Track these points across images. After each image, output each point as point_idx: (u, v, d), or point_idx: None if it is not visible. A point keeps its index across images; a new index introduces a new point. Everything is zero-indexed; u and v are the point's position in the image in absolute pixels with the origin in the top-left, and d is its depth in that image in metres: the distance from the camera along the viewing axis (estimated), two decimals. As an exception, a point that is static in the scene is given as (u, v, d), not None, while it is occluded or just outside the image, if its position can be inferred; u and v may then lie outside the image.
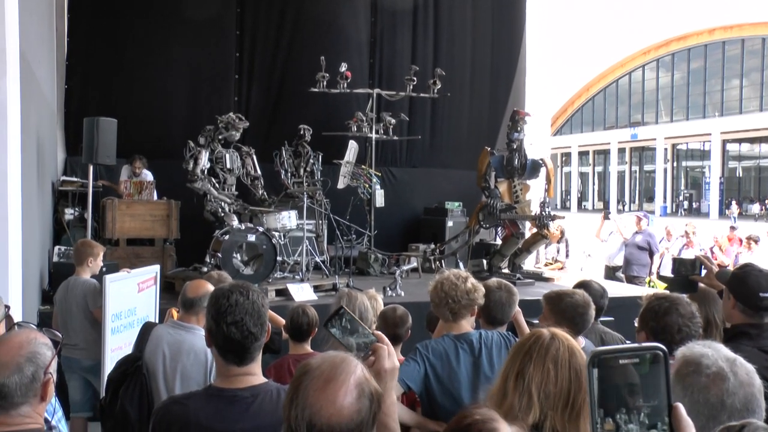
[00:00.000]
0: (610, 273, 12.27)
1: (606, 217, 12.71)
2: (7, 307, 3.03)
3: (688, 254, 11.01)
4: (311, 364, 1.77)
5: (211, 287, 4.30)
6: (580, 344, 3.80)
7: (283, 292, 8.44)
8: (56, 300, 6.22)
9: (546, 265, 12.65)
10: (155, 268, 6.32)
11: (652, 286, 11.19)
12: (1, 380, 2.24)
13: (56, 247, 9.05)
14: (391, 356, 1.97)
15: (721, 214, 47.37)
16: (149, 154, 10.77)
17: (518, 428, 1.81)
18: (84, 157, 8.89)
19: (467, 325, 3.73)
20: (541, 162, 10.60)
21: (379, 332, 2.09)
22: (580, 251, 14.57)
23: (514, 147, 10.38)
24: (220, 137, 9.40)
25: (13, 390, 2.25)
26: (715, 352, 2.06)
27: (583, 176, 64.64)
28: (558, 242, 12.31)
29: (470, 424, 1.76)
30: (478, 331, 3.75)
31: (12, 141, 4.68)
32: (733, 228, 14.40)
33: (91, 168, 9.03)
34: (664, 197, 54.52)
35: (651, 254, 11.99)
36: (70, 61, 11.32)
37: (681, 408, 1.35)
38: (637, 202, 58.13)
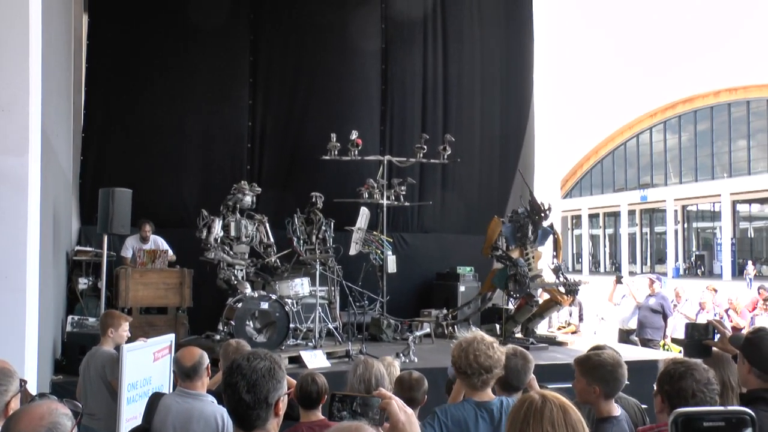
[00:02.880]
0: (624, 336, 12.19)
1: (618, 281, 12.69)
2: (24, 381, 3.05)
3: (702, 318, 10.94)
4: None
5: (201, 351, 4.44)
6: (615, 413, 3.77)
7: (296, 359, 8.42)
8: (80, 370, 6.28)
9: (559, 328, 12.59)
10: (170, 337, 6.34)
11: (667, 350, 11.11)
12: None
13: (69, 317, 9.11)
14: (402, 406, 1.97)
15: (734, 275, 47.03)
16: (162, 223, 10.90)
17: None
18: (99, 227, 9.01)
19: (490, 392, 3.68)
20: (550, 229, 10.70)
21: (379, 390, 2.10)
22: (594, 315, 14.50)
23: (525, 218, 10.49)
24: (229, 203, 9.53)
25: (34, 461, 2.27)
26: None
27: (594, 239, 64.53)
28: (570, 305, 12.27)
29: None
30: (500, 399, 3.67)
31: (32, 216, 4.79)
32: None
33: (105, 238, 9.14)
34: (676, 258, 54.28)
35: (665, 317, 11.92)
36: (86, 133, 11.57)
37: None
38: (648, 263, 57.84)
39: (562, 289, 10.41)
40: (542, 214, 10.51)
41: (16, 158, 4.65)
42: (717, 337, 4.02)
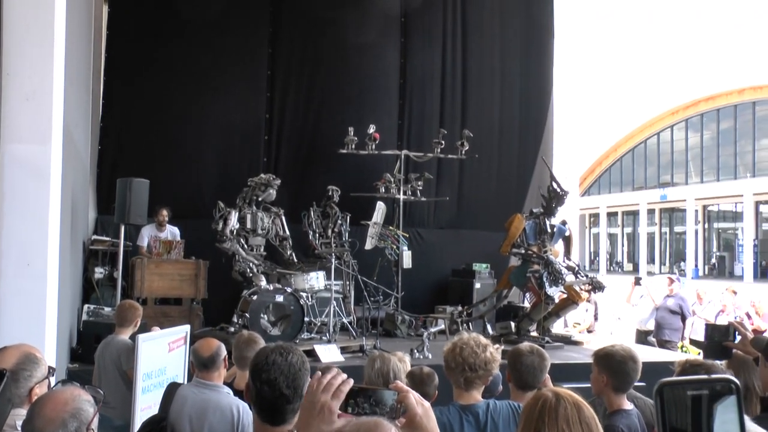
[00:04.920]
0: (642, 337, 12.17)
1: (637, 283, 12.65)
2: (53, 369, 3.12)
3: (723, 320, 10.89)
4: None
5: (219, 342, 4.49)
6: (626, 406, 3.82)
7: (310, 353, 8.48)
8: (95, 357, 6.38)
9: (574, 326, 12.59)
10: (185, 328, 6.40)
11: (685, 351, 11.09)
12: None
13: (85, 306, 9.22)
14: (419, 400, 2.02)
15: (756, 277, 46.69)
16: (179, 213, 10.98)
17: None
18: (116, 217, 9.13)
19: (477, 395, 3.66)
20: (563, 226, 10.73)
21: (396, 383, 2.11)
22: (610, 315, 14.47)
23: (542, 212, 10.55)
24: (259, 198, 9.63)
25: (57, 445, 2.34)
26: None
27: (612, 237, 64.24)
28: (587, 302, 12.25)
29: None
30: (486, 402, 3.66)
31: (53, 205, 4.88)
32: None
33: (122, 228, 9.24)
34: (696, 259, 53.94)
35: (683, 318, 11.88)
36: (104, 122, 11.70)
37: None
38: (667, 264, 57.52)
39: (587, 286, 10.44)
40: (563, 194, 10.54)
41: (39, 147, 4.75)
42: (738, 339, 4.02)
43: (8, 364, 2.89)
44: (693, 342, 11.43)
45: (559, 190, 10.59)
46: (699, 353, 9.41)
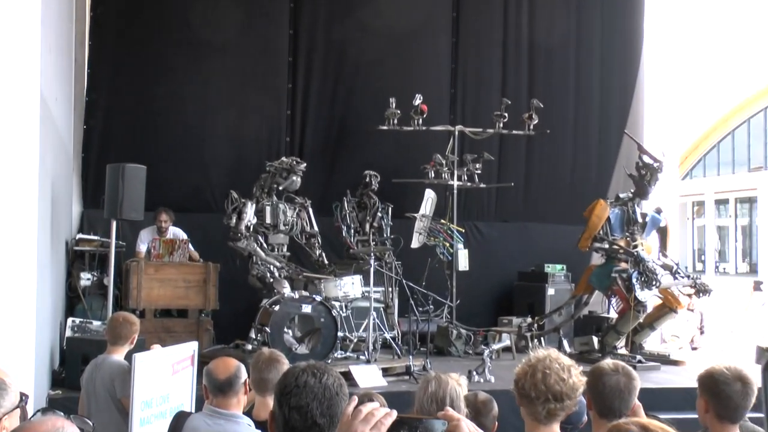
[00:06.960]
0: (763, 355, 11.97)
1: (757, 288, 12.48)
2: (25, 396, 3.16)
3: None
4: None
5: (238, 363, 4.51)
6: None
7: (345, 376, 8.47)
8: (82, 382, 6.43)
9: (671, 339, 12.46)
10: (192, 346, 6.42)
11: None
12: None
13: (69, 319, 9.33)
14: (473, 429, 2.02)
15: None
16: (183, 207, 11.09)
17: None
18: (106, 211, 9.14)
19: (557, 428, 3.57)
20: (658, 216, 10.58)
21: (446, 410, 2.13)
22: (721, 327, 14.28)
23: (631, 197, 10.44)
24: (280, 187, 9.66)
25: (35, 487, 2.37)
26: None
27: (721, 230, 63.24)
28: (689, 309, 12.08)
29: None
30: None
31: (29, 198, 4.94)
32: None
33: (113, 224, 9.27)
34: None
35: (815, 331, 11.68)
36: (91, 97, 11.75)
37: None
38: (793, 263, 56.39)
39: (689, 289, 10.31)
40: (657, 165, 10.42)
41: (10, 126, 4.80)
42: None
43: (-31, 390, 2.92)
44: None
45: (651, 161, 10.46)
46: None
